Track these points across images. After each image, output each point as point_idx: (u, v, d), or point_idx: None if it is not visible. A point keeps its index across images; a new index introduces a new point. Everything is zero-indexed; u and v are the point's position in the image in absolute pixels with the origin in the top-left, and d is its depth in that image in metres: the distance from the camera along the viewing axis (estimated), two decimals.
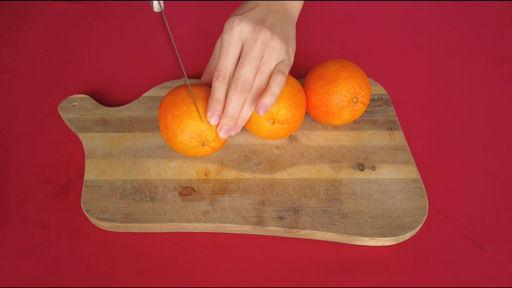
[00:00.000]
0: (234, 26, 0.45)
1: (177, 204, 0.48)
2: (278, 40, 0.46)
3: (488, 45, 0.74)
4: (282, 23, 0.49)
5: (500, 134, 0.59)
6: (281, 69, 0.47)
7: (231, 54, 0.45)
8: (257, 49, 0.45)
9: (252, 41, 0.45)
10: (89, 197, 0.49)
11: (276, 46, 0.46)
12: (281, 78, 0.46)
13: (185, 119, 0.47)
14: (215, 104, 0.46)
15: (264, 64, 0.46)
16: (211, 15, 0.81)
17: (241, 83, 0.45)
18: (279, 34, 0.47)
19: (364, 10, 0.82)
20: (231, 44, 0.45)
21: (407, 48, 0.74)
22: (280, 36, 0.47)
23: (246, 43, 0.46)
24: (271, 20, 0.47)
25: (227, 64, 0.46)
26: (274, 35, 0.46)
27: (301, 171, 0.52)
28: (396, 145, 0.55)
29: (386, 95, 0.62)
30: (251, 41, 0.45)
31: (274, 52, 0.46)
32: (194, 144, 0.48)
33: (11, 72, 0.66)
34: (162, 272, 0.44)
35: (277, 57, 0.47)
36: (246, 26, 0.45)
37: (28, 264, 0.45)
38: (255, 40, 0.45)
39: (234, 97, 0.45)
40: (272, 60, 0.46)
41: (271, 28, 0.46)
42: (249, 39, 0.45)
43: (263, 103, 0.45)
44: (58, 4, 0.80)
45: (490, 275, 0.45)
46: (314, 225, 0.47)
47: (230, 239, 0.47)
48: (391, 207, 0.48)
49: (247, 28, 0.45)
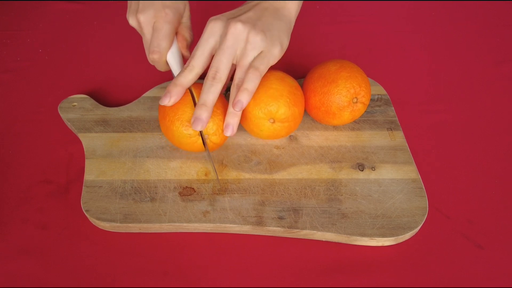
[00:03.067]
0: (208, 26, 0.47)
1: (177, 204, 0.48)
2: (252, 30, 0.46)
3: (488, 45, 0.74)
4: (265, 17, 0.48)
5: (500, 134, 0.59)
6: (255, 65, 0.47)
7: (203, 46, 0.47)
8: (228, 41, 0.46)
9: (223, 35, 0.46)
10: (89, 197, 0.49)
11: (250, 38, 0.46)
12: (252, 72, 0.46)
13: (181, 106, 0.48)
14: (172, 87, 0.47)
15: (242, 56, 0.47)
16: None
17: (213, 72, 0.46)
18: (256, 26, 0.47)
19: (364, 10, 0.82)
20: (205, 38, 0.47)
21: (407, 48, 0.74)
22: (255, 26, 0.47)
23: (220, 36, 0.47)
24: (249, 15, 0.48)
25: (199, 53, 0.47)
26: (246, 27, 0.46)
27: (301, 171, 0.52)
28: (396, 145, 0.55)
29: (386, 95, 0.62)
30: (222, 35, 0.47)
31: (249, 43, 0.46)
32: (190, 132, 0.48)
33: (11, 72, 0.66)
34: (162, 272, 0.45)
35: (254, 48, 0.47)
36: (218, 23, 0.47)
37: (28, 264, 0.45)
38: (226, 34, 0.46)
39: (206, 85, 0.46)
40: (248, 52, 0.47)
41: (245, 21, 0.47)
42: (222, 33, 0.47)
43: (238, 99, 0.46)
44: (58, 4, 0.80)
45: (490, 275, 0.45)
46: (314, 225, 0.47)
47: (230, 239, 0.47)
48: (391, 207, 0.48)
49: (220, 24, 0.47)
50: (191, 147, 0.50)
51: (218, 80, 0.46)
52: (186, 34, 0.53)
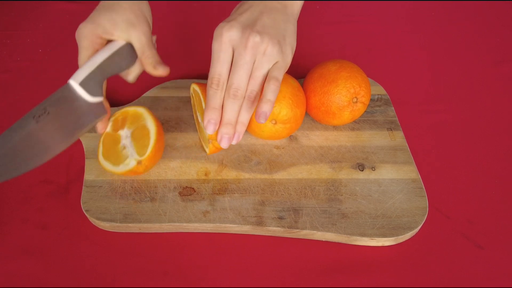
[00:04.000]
0: (223, 33, 0.45)
1: (177, 204, 0.48)
2: (269, 42, 0.45)
3: (488, 45, 0.74)
4: (277, 22, 0.47)
5: (500, 134, 0.59)
6: (274, 75, 0.46)
7: (222, 60, 0.45)
8: (247, 55, 0.44)
9: (242, 47, 0.44)
10: (89, 197, 0.49)
11: (267, 49, 0.45)
12: (274, 83, 0.45)
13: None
14: (210, 112, 0.45)
15: (256, 68, 0.45)
16: (209, 15, 0.81)
17: (234, 89, 0.45)
18: (271, 35, 0.45)
19: (364, 10, 0.82)
20: (221, 50, 0.45)
21: (407, 48, 0.74)
22: (272, 38, 0.45)
23: (236, 49, 0.45)
24: (263, 21, 0.46)
25: (220, 70, 0.45)
26: (264, 38, 0.45)
27: (301, 171, 0.52)
28: (396, 145, 0.55)
29: (386, 95, 0.62)
30: (240, 47, 0.44)
31: (265, 56, 0.45)
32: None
33: (11, 72, 0.66)
34: (162, 272, 0.44)
35: (269, 61, 0.46)
36: (235, 32, 0.44)
37: (28, 264, 0.45)
38: (245, 46, 0.44)
39: (229, 104, 0.45)
40: (263, 64, 0.45)
41: (261, 31, 0.45)
42: (239, 45, 0.45)
43: (262, 111, 0.45)
44: (58, 4, 0.80)
45: (490, 275, 0.45)
46: (314, 225, 0.47)
47: (230, 239, 0.47)
48: (391, 207, 0.48)
49: (236, 34, 0.45)
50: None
51: (240, 98, 0.45)
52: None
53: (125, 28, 0.47)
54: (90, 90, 0.45)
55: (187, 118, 0.58)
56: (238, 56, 0.45)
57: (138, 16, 0.48)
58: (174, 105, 0.60)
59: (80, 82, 0.44)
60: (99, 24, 0.46)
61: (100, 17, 0.46)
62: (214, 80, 0.45)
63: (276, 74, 0.46)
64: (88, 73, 0.44)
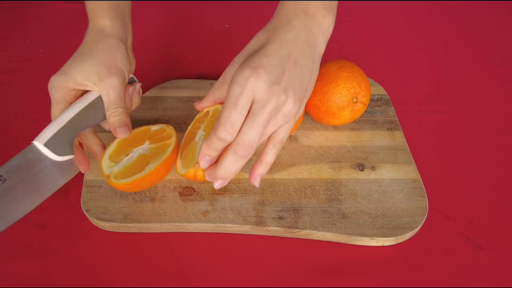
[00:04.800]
0: (249, 82, 0.38)
1: (177, 204, 0.48)
2: (291, 102, 0.40)
3: (488, 45, 0.74)
4: (304, 73, 0.41)
5: (500, 134, 0.59)
6: (281, 138, 0.42)
7: (240, 107, 0.38)
8: (267, 114, 0.39)
9: (264, 103, 0.39)
10: (89, 197, 0.49)
11: (287, 109, 0.40)
12: (278, 148, 0.42)
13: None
14: (210, 150, 0.40)
15: (270, 125, 0.41)
16: (211, 15, 0.81)
17: (244, 149, 0.39)
18: (296, 93, 0.40)
19: (364, 10, 0.82)
20: (242, 95, 0.38)
21: (407, 48, 0.74)
22: (296, 96, 0.40)
23: (257, 102, 0.39)
24: (291, 73, 0.40)
25: (235, 118, 0.38)
26: (289, 98, 0.40)
27: (301, 171, 0.52)
28: (396, 145, 0.55)
29: (386, 95, 0.62)
30: (263, 103, 0.39)
31: (284, 115, 0.40)
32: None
33: (11, 72, 0.66)
34: (162, 272, 0.44)
35: (284, 120, 0.41)
36: (262, 84, 0.38)
37: (28, 264, 0.45)
38: (267, 103, 0.39)
39: (231, 159, 0.39)
40: (278, 122, 0.41)
41: (288, 88, 0.40)
42: (261, 99, 0.39)
43: (259, 173, 0.42)
44: (58, 4, 0.80)
45: (490, 275, 0.45)
46: (314, 225, 0.47)
47: (230, 239, 0.47)
48: (391, 207, 0.48)
49: (262, 87, 0.38)
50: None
51: (246, 158, 0.40)
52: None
53: (94, 81, 0.45)
54: (57, 149, 0.43)
55: (187, 118, 0.58)
56: (260, 111, 0.39)
57: (109, 68, 0.45)
58: (174, 105, 0.60)
59: (45, 143, 0.42)
60: (71, 76, 0.45)
61: (71, 69, 0.45)
62: (225, 127, 0.38)
63: (284, 137, 0.42)
64: (54, 132, 0.43)
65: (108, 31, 0.48)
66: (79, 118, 0.44)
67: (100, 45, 0.47)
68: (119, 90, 0.45)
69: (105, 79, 0.45)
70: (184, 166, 0.45)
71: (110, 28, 0.48)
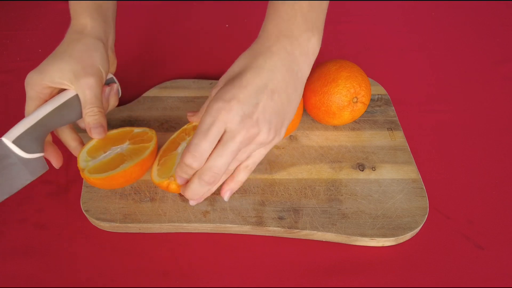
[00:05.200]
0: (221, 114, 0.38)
1: (177, 205, 0.48)
2: (265, 133, 0.40)
3: (488, 45, 0.74)
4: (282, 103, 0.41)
5: (500, 134, 0.59)
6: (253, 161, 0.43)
7: (210, 137, 0.39)
8: (236, 144, 0.39)
9: (234, 134, 0.39)
10: (88, 197, 0.48)
11: (260, 139, 0.40)
12: (250, 170, 0.44)
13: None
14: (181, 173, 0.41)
15: (243, 152, 0.41)
16: (213, 15, 0.81)
17: (211, 175, 0.40)
18: (271, 124, 0.40)
19: (364, 10, 0.82)
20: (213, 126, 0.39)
21: (407, 48, 0.74)
22: (270, 127, 0.40)
23: (228, 133, 0.39)
24: (267, 105, 0.40)
25: (204, 148, 0.39)
26: (262, 129, 0.40)
27: (301, 171, 0.52)
28: (396, 145, 0.55)
29: (386, 95, 0.62)
30: (233, 134, 0.39)
31: (256, 144, 0.41)
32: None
33: (11, 72, 0.66)
34: (162, 272, 0.44)
35: (258, 147, 0.42)
36: (233, 117, 0.38)
37: (27, 264, 0.45)
38: (238, 134, 0.39)
39: (198, 184, 0.41)
40: (251, 149, 0.41)
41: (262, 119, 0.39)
42: (232, 130, 0.39)
43: (228, 188, 0.44)
44: (58, 4, 0.80)
45: (490, 275, 0.45)
46: (314, 225, 0.47)
47: (230, 239, 0.47)
48: (391, 207, 0.48)
49: (234, 120, 0.38)
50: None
51: (212, 184, 0.41)
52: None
53: (71, 79, 0.45)
54: (26, 147, 0.42)
55: (187, 118, 0.58)
56: (230, 141, 0.39)
57: (85, 67, 0.45)
58: (174, 105, 0.60)
59: (14, 140, 0.42)
60: (47, 74, 0.44)
61: (48, 67, 0.45)
62: (193, 155, 0.39)
63: (257, 160, 0.44)
64: (24, 129, 0.42)
65: (88, 31, 0.48)
66: (52, 116, 0.44)
67: (78, 44, 0.47)
68: (95, 89, 0.45)
69: (81, 78, 0.45)
70: (159, 174, 0.46)
71: (90, 27, 0.48)
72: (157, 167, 0.47)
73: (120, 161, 0.46)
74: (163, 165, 0.47)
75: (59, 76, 0.44)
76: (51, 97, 0.46)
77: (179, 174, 0.42)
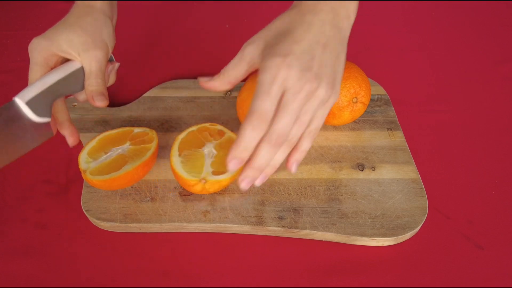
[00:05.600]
0: (280, 70, 0.38)
1: (177, 204, 0.48)
2: (324, 88, 0.40)
3: (488, 45, 0.74)
4: (333, 57, 0.41)
5: (500, 134, 0.59)
6: (315, 126, 0.42)
7: (272, 95, 0.38)
8: (299, 101, 0.39)
9: (296, 91, 0.38)
10: (89, 197, 0.49)
11: (320, 94, 0.40)
12: (314, 134, 0.42)
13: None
14: (240, 152, 0.39)
15: (305, 113, 0.40)
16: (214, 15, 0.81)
17: (278, 136, 0.39)
18: (328, 78, 0.40)
19: (364, 10, 0.81)
20: (274, 84, 0.38)
21: (407, 48, 0.74)
22: (328, 81, 0.40)
23: (289, 90, 0.38)
24: (321, 59, 0.40)
25: (267, 107, 0.38)
26: (321, 83, 0.39)
27: (301, 171, 0.52)
28: (396, 145, 0.55)
29: (386, 95, 0.62)
30: (295, 90, 0.38)
31: (317, 100, 0.40)
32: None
33: (11, 72, 0.66)
34: (162, 272, 0.44)
35: (320, 105, 0.41)
36: (293, 73, 0.38)
37: (27, 264, 0.45)
38: (299, 91, 0.38)
39: (266, 149, 0.39)
40: (313, 108, 0.40)
41: (319, 73, 0.39)
42: (294, 87, 0.38)
43: (296, 159, 0.42)
44: (58, 4, 0.80)
45: (490, 275, 0.45)
46: (314, 225, 0.47)
47: (230, 239, 0.47)
48: (391, 207, 0.48)
49: (293, 76, 0.38)
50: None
51: (281, 145, 0.39)
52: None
53: (79, 50, 0.45)
54: (37, 110, 0.42)
55: (187, 118, 0.58)
56: (291, 98, 0.38)
57: (95, 40, 0.46)
58: (174, 105, 0.60)
59: (27, 101, 0.42)
60: (55, 42, 0.45)
61: (57, 35, 0.45)
62: (256, 115, 0.38)
63: (319, 124, 0.42)
64: (37, 92, 0.42)
65: (98, 7, 0.49)
66: (60, 84, 0.44)
67: (89, 17, 0.47)
68: (101, 63, 0.46)
69: (90, 50, 0.45)
70: (186, 170, 0.46)
71: (100, 4, 0.49)
72: (179, 158, 0.46)
73: (122, 163, 0.46)
74: (187, 160, 0.46)
75: (67, 46, 0.45)
76: (55, 66, 0.46)
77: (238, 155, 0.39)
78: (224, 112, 0.59)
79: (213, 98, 0.61)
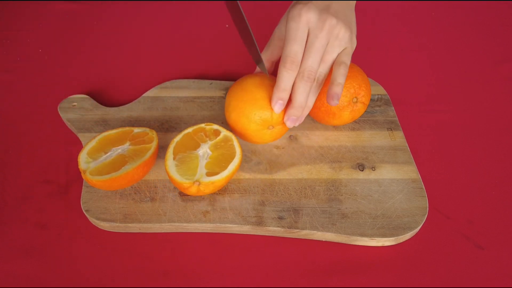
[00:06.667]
0: (302, 13, 0.45)
1: (177, 204, 0.48)
2: (343, 27, 0.46)
3: (488, 45, 0.74)
4: (344, 9, 0.48)
5: (500, 134, 0.59)
6: (344, 60, 0.47)
7: (299, 39, 0.45)
8: (322, 39, 0.45)
9: (318, 30, 0.45)
10: (89, 197, 0.49)
11: (340, 33, 0.46)
12: (344, 68, 0.47)
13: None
14: (281, 92, 0.46)
15: (328, 52, 0.47)
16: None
17: (308, 72, 0.45)
18: (344, 21, 0.47)
19: (364, 10, 0.82)
20: (298, 29, 0.45)
21: (407, 48, 0.74)
22: (344, 23, 0.47)
23: (312, 31, 0.45)
24: (335, 7, 0.47)
25: (296, 49, 0.45)
26: (339, 22, 0.46)
27: (301, 171, 0.52)
28: (396, 145, 0.55)
29: (386, 95, 0.62)
30: (317, 30, 0.45)
31: (338, 40, 0.47)
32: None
33: (11, 72, 0.66)
34: (162, 272, 0.44)
35: (340, 45, 0.47)
36: (313, 14, 0.45)
37: (27, 264, 0.45)
38: (321, 29, 0.45)
39: (302, 86, 0.45)
40: (335, 48, 0.47)
41: (336, 15, 0.46)
42: (315, 27, 0.45)
43: (334, 92, 0.46)
44: (58, 4, 0.80)
45: (490, 275, 0.45)
46: (314, 225, 0.47)
47: (230, 239, 0.47)
48: (391, 207, 0.48)
49: (314, 16, 0.45)
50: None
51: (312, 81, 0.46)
52: None
53: None
54: None
55: (187, 118, 0.58)
56: (314, 38, 0.45)
57: None
58: (174, 105, 0.60)
59: None
60: None
61: None
62: (289, 59, 0.45)
63: (346, 59, 0.47)
64: None
65: None
66: None
67: None
68: None
69: None
70: (180, 173, 0.46)
71: None
72: (173, 161, 0.46)
73: (122, 163, 0.46)
74: (182, 163, 0.46)
75: None
76: None
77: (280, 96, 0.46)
78: (224, 112, 0.59)
79: (213, 98, 0.61)
